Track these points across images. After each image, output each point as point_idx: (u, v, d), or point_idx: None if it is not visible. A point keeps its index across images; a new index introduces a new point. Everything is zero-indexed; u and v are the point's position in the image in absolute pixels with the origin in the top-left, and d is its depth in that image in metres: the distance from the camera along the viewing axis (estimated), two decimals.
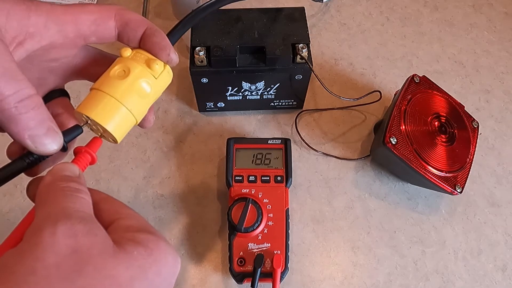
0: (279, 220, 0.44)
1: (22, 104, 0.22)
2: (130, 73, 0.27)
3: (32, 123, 0.23)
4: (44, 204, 0.22)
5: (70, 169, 0.24)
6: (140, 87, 0.27)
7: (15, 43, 0.23)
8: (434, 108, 0.49)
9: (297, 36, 0.47)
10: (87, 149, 0.26)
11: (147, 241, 0.22)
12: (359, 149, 0.53)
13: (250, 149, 0.47)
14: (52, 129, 0.24)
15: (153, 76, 0.28)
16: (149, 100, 0.28)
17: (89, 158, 0.26)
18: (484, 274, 0.46)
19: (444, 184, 0.45)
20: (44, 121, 0.23)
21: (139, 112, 0.28)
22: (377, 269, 0.46)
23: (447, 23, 0.65)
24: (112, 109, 0.26)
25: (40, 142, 0.23)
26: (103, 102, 0.26)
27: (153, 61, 0.27)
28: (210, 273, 0.45)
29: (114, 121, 0.26)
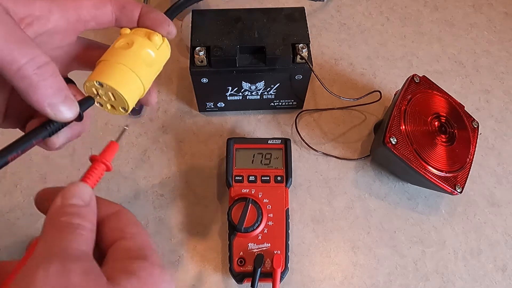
0: (279, 220, 0.44)
1: (41, 71, 0.22)
2: (134, 43, 0.28)
3: (50, 91, 0.23)
4: (45, 238, 0.22)
5: (81, 195, 0.24)
6: (146, 55, 0.29)
7: (23, 24, 0.24)
8: (434, 108, 0.49)
9: (297, 36, 0.47)
10: (102, 159, 0.27)
11: (140, 270, 0.22)
12: (359, 149, 0.53)
13: (250, 149, 0.47)
14: (69, 97, 0.24)
15: (155, 47, 0.29)
16: (153, 70, 0.30)
17: (104, 168, 0.27)
18: (484, 274, 0.46)
19: (444, 184, 0.45)
20: (61, 89, 0.24)
21: (146, 80, 0.29)
22: (377, 269, 0.46)
23: (447, 23, 0.65)
24: (122, 74, 0.27)
25: (59, 109, 0.24)
26: (113, 68, 0.27)
27: (153, 33, 0.29)
28: (210, 273, 0.45)
29: (126, 85, 0.27)
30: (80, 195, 0.24)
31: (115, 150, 0.28)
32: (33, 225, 0.47)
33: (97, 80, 0.27)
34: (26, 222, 0.47)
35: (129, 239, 0.24)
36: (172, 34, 0.30)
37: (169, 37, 0.30)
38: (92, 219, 0.24)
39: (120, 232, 0.24)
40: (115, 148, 0.28)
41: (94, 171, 0.26)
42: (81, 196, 0.24)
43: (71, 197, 0.24)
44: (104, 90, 0.27)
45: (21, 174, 0.50)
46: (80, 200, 0.24)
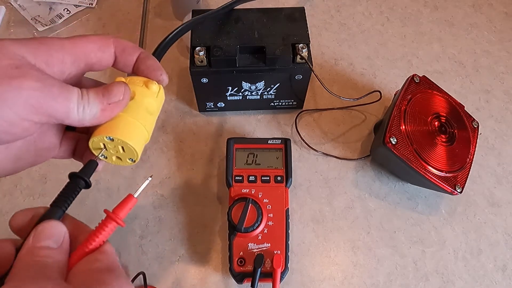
0: (279, 220, 0.44)
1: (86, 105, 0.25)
2: (136, 94, 0.29)
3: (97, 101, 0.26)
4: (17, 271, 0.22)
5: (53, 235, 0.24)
6: (148, 105, 0.29)
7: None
8: (434, 108, 0.49)
9: (297, 36, 0.47)
10: (115, 217, 0.26)
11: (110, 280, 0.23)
12: (359, 149, 0.53)
13: (250, 149, 0.47)
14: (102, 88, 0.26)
15: (154, 95, 0.30)
16: (154, 117, 0.30)
17: (115, 225, 0.26)
18: (484, 274, 0.46)
19: (444, 184, 0.45)
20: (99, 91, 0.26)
21: (150, 128, 0.30)
22: (377, 269, 0.46)
23: (447, 23, 0.65)
24: (129, 126, 0.28)
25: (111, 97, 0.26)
26: (119, 121, 0.27)
27: (150, 82, 0.29)
28: (210, 273, 0.45)
29: (135, 137, 0.28)
30: (53, 235, 0.24)
31: (132, 205, 0.27)
32: None
33: (108, 136, 0.27)
34: None
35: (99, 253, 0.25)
36: (164, 82, 0.31)
37: (162, 85, 0.31)
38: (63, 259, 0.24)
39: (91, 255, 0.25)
40: (133, 204, 0.27)
41: (104, 229, 0.26)
42: (53, 236, 0.24)
43: (42, 239, 0.24)
44: (114, 144, 0.28)
45: (21, 174, 0.49)
46: (52, 242, 0.24)
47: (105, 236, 0.26)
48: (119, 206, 0.27)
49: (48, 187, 0.49)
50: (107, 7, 0.64)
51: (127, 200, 0.27)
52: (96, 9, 0.64)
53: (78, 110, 0.25)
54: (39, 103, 0.23)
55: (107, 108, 0.26)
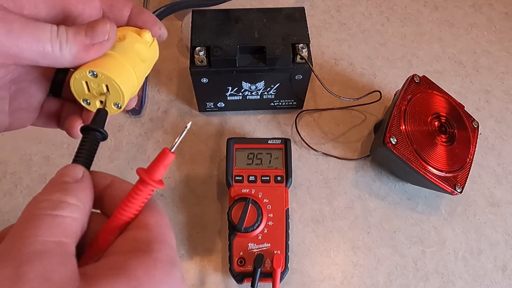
0: (279, 220, 0.44)
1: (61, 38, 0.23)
2: (127, 38, 0.27)
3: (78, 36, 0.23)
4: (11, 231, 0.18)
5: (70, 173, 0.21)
6: (139, 49, 0.27)
7: None
8: (434, 108, 0.49)
9: (297, 36, 0.47)
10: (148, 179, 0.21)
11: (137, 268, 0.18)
12: (359, 149, 0.53)
13: (250, 149, 0.47)
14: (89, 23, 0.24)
15: (146, 44, 0.28)
16: (146, 67, 0.28)
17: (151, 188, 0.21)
18: (484, 274, 0.46)
19: (444, 184, 0.45)
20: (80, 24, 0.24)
21: (140, 76, 0.27)
22: (377, 269, 0.46)
23: (447, 23, 0.65)
24: (118, 65, 0.25)
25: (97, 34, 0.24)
26: (105, 57, 0.25)
27: (143, 31, 0.27)
28: (210, 273, 0.45)
29: (122, 76, 0.25)
30: (69, 174, 0.21)
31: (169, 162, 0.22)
32: None
33: (92, 70, 0.24)
34: None
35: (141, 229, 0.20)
36: (163, 36, 0.29)
37: (160, 40, 0.29)
38: (83, 198, 0.20)
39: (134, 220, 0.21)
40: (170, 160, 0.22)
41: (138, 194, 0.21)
42: (70, 174, 0.21)
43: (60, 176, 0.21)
44: (98, 81, 0.25)
45: (21, 174, 0.49)
46: (68, 178, 0.20)
47: (140, 203, 0.21)
48: (153, 164, 0.22)
49: None
50: None
51: (162, 157, 0.21)
52: None
53: (54, 48, 0.22)
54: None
55: (90, 48, 0.24)
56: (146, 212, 0.21)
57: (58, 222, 0.18)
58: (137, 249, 0.19)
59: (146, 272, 0.18)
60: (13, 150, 0.51)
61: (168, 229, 0.21)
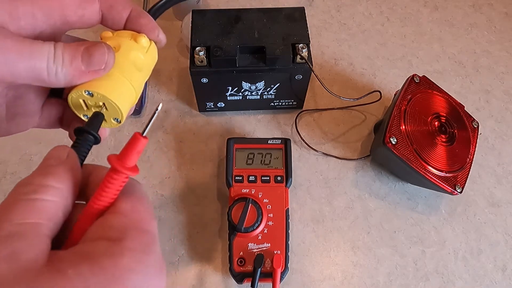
0: (279, 220, 0.44)
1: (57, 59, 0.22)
2: (121, 46, 0.26)
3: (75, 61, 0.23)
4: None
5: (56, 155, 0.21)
6: (135, 57, 0.26)
7: None
8: (434, 108, 0.49)
9: (297, 36, 0.47)
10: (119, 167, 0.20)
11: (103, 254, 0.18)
12: (359, 149, 0.53)
13: (250, 149, 0.47)
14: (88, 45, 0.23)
15: (143, 50, 0.27)
16: (144, 75, 0.28)
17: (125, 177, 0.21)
18: (484, 274, 0.46)
19: (444, 184, 0.45)
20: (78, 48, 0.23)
21: (138, 85, 0.26)
22: (377, 269, 0.46)
23: (447, 23, 0.65)
24: (114, 81, 0.25)
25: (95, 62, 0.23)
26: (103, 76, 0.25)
27: (139, 35, 0.27)
28: (210, 273, 0.45)
29: (119, 93, 0.25)
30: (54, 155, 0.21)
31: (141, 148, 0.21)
32: None
33: (87, 90, 0.24)
34: None
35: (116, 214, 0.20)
36: (162, 42, 0.28)
37: (159, 46, 0.29)
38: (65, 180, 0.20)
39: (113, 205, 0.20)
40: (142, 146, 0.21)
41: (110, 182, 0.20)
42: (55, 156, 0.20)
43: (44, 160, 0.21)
44: (95, 100, 0.24)
45: (21, 174, 0.49)
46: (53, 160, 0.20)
47: (114, 191, 0.20)
48: (124, 150, 0.21)
49: None
50: None
51: (134, 142, 0.21)
52: None
53: (49, 75, 0.21)
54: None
55: (85, 74, 0.23)
56: (122, 197, 0.21)
57: (36, 205, 0.18)
58: (107, 237, 0.19)
59: (112, 260, 0.18)
60: (13, 150, 0.51)
61: (146, 215, 0.21)
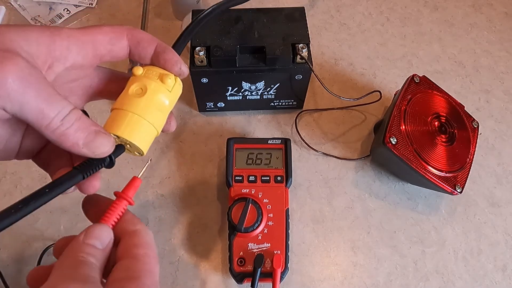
0: (279, 220, 0.44)
1: (66, 120, 0.24)
2: (147, 90, 0.28)
3: (80, 132, 0.24)
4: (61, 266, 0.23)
5: (101, 237, 0.25)
6: (158, 102, 0.29)
7: (45, 68, 0.25)
8: (434, 108, 0.49)
9: (297, 36, 0.47)
10: (124, 196, 0.28)
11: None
12: (359, 149, 0.53)
13: (250, 149, 0.47)
14: (100, 131, 0.25)
15: (167, 90, 0.29)
16: (167, 112, 0.30)
17: (126, 204, 0.28)
18: (484, 274, 0.46)
19: (444, 184, 0.45)
20: (90, 126, 0.25)
21: (159, 124, 0.29)
22: (377, 269, 0.46)
23: (447, 23, 0.65)
24: (136, 124, 0.28)
25: (95, 146, 0.25)
26: (127, 119, 0.27)
27: (166, 75, 0.29)
28: (210, 273, 0.45)
29: (139, 135, 0.28)
30: (100, 237, 0.25)
31: (137, 185, 0.29)
32: (33, 225, 0.47)
33: (112, 133, 0.27)
34: (26, 222, 0.47)
35: (131, 259, 0.25)
36: (183, 75, 0.30)
37: (181, 77, 0.31)
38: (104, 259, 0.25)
39: (127, 252, 0.25)
40: (138, 184, 0.29)
41: (116, 208, 0.27)
42: (101, 239, 0.25)
43: (92, 238, 0.25)
44: (120, 141, 0.28)
45: (21, 174, 0.49)
46: (99, 243, 0.25)
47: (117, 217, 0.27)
48: (126, 188, 0.28)
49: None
50: (107, 7, 0.64)
51: (132, 182, 0.29)
52: (96, 9, 0.64)
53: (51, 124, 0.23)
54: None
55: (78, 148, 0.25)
56: (138, 244, 0.26)
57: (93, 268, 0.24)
58: (130, 277, 0.24)
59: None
60: None
61: (154, 260, 0.26)
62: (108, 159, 0.27)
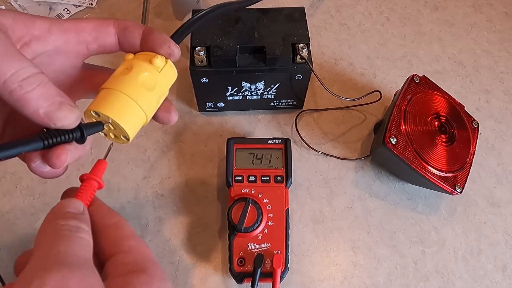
0: (279, 220, 0.44)
1: (27, 82, 0.22)
2: (133, 68, 0.27)
3: (41, 100, 0.22)
4: (40, 245, 0.21)
5: (73, 205, 0.24)
6: (144, 79, 0.27)
7: (21, 43, 0.24)
8: (434, 108, 0.49)
9: (297, 36, 0.47)
10: (91, 176, 0.26)
11: (140, 285, 0.22)
12: (359, 149, 0.53)
13: (250, 149, 0.47)
14: (65, 103, 0.23)
15: (155, 70, 0.28)
16: (156, 94, 0.29)
17: (95, 184, 0.26)
18: (484, 274, 0.46)
19: (444, 184, 0.45)
20: (54, 96, 0.23)
21: (147, 106, 0.28)
22: (377, 269, 0.46)
23: (447, 23, 0.65)
24: (119, 102, 0.26)
25: (56, 117, 0.23)
26: (110, 97, 0.26)
27: (154, 56, 0.28)
28: (210, 273, 0.45)
29: (124, 114, 0.26)
30: (74, 206, 0.24)
31: (103, 167, 0.28)
32: (33, 225, 0.47)
33: (94, 110, 0.26)
34: (26, 222, 0.47)
35: (128, 253, 0.24)
36: (174, 55, 0.29)
37: (172, 59, 0.29)
38: (88, 226, 0.23)
39: (118, 245, 0.24)
40: (104, 166, 0.28)
41: (84, 188, 0.26)
42: (74, 207, 0.24)
43: (65, 207, 0.23)
44: (102, 119, 0.26)
45: (21, 174, 0.49)
46: (74, 209, 0.23)
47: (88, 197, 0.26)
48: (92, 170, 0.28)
49: (48, 187, 0.49)
50: (107, 7, 0.64)
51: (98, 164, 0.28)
52: (96, 9, 0.64)
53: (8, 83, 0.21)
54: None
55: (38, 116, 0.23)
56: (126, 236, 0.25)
57: (82, 242, 0.22)
58: (133, 270, 0.23)
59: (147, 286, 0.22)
60: None
61: (149, 251, 0.25)
62: (78, 132, 0.25)
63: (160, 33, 0.28)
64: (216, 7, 0.37)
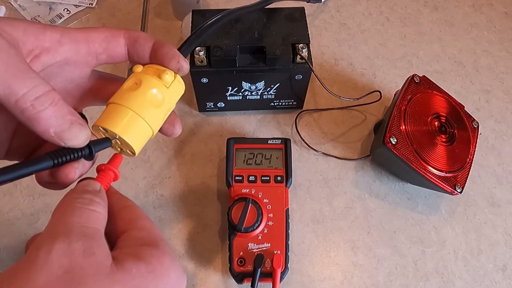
0: (279, 220, 0.44)
1: (39, 102, 0.22)
2: (142, 84, 0.27)
3: (52, 120, 0.22)
4: (52, 217, 0.22)
5: (91, 185, 0.25)
6: (152, 96, 0.28)
7: (31, 56, 0.24)
8: (434, 108, 0.49)
9: (297, 36, 0.47)
10: (109, 166, 0.27)
11: (150, 257, 0.22)
12: (359, 149, 0.53)
13: (250, 149, 0.47)
14: (76, 122, 0.24)
15: (164, 86, 0.28)
16: (163, 110, 0.29)
17: (111, 175, 0.27)
18: (484, 274, 0.46)
19: (444, 184, 0.45)
20: (65, 115, 0.23)
21: (154, 122, 0.28)
22: (377, 269, 0.46)
23: (447, 23, 0.65)
24: (127, 119, 0.27)
25: (67, 137, 0.23)
26: (118, 113, 0.26)
27: (163, 71, 0.28)
28: (210, 273, 0.45)
29: (131, 130, 0.27)
30: (91, 185, 0.25)
31: (119, 160, 0.28)
32: (33, 225, 0.47)
33: (102, 126, 0.26)
34: (26, 222, 0.47)
35: (141, 230, 0.24)
36: (183, 70, 0.29)
37: (180, 74, 0.29)
38: (104, 203, 0.24)
39: (132, 223, 0.25)
40: (120, 159, 0.28)
41: (101, 177, 0.26)
42: (92, 186, 0.25)
43: (83, 186, 0.24)
44: (109, 134, 0.27)
45: None
46: (90, 187, 0.24)
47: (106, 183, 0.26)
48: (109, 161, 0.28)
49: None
50: (107, 7, 0.64)
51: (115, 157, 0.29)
52: (96, 9, 0.64)
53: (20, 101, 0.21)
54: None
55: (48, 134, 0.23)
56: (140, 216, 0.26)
57: (94, 215, 0.23)
58: (146, 244, 0.23)
59: (158, 260, 0.22)
60: None
61: (159, 232, 0.26)
62: (87, 150, 0.25)
63: (170, 47, 0.28)
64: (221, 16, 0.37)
